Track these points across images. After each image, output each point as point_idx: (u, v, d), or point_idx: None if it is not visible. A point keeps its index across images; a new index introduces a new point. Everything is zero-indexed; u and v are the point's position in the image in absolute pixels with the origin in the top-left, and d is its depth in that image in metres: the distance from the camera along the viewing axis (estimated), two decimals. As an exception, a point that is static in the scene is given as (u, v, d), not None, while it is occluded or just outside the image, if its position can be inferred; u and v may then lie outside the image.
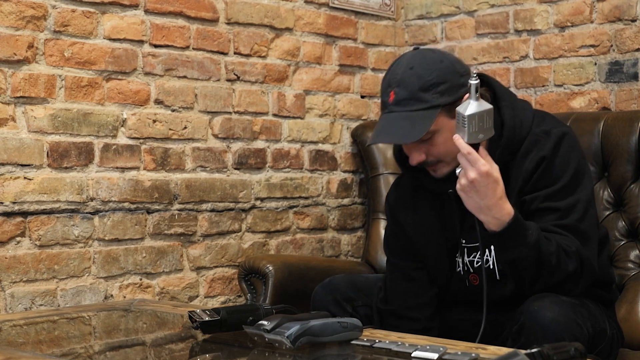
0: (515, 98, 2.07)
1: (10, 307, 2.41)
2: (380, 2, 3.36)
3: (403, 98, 1.94)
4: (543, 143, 1.99)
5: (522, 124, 2.01)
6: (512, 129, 1.99)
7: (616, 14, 2.89)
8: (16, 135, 2.43)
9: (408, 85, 1.94)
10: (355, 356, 1.72)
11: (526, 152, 2.00)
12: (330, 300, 2.15)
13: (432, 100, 1.92)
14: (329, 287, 2.20)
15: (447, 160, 1.98)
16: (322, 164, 3.17)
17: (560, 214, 1.95)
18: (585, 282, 1.96)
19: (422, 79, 1.93)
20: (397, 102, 1.95)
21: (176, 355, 1.89)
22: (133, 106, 2.67)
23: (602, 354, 1.96)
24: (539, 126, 2.03)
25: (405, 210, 2.16)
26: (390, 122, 1.95)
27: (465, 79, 1.94)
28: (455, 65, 1.98)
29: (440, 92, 1.93)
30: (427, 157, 1.98)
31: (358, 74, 3.30)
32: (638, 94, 2.85)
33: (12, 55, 2.42)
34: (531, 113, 2.06)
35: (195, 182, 2.81)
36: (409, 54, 2.00)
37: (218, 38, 2.87)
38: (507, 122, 1.99)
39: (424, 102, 1.92)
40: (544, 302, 1.82)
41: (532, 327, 1.79)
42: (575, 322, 1.81)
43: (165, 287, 2.74)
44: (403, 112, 1.94)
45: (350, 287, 2.19)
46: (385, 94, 1.98)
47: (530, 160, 1.99)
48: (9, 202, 2.41)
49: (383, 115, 1.98)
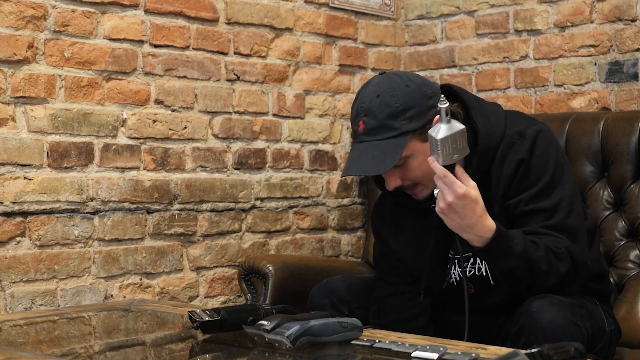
0: (484, 104, 2.04)
1: (10, 307, 2.41)
2: (380, 2, 3.36)
3: (372, 127, 1.91)
4: (518, 145, 1.97)
5: (494, 130, 1.98)
6: (486, 136, 1.97)
7: (616, 14, 2.89)
8: (16, 135, 2.43)
9: (376, 114, 1.91)
10: (355, 356, 1.72)
11: (503, 157, 1.98)
12: (327, 303, 2.15)
13: (401, 127, 1.90)
14: (325, 289, 2.20)
15: (424, 183, 1.97)
16: (322, 164, 3.17)
17: (546, 214, 1.94)
18: (580, 279, 1.96)
19: (389, 106, 1.91)
20: (366, 132, 1.92)
21: (176, 355, 1.89)
22: (133, 106, 2.67)
23: (600, 353, 1.96)
24: (512, 128, 2.00)
25: (389, 228, 2.15)
26: (361, 152, 1.93)
27: (434, 100, 1.92)
28: (422, 88, 1.95)
29: (409, 117, 1.91)
30: (403, 181, 1.97)
31: (358, 74, 3.30)
32: (638, 94, 2.85)
33: (12, 55, 2.42)
34: (502, 115, 2.03)
35: (195, 182, 2.81)
36: (376, 80, 1.98)
37: (218, 38, 2.87)
38: (480, 130, 1.97)
39: (393, 130, 1.90)
40: (542, 304, 1.82)
41: (531, 328, 1.79)
42: (574, 323, 1.81)
43: (165, 287, 2.74)
44: (374, 141, 1.91)
45: (346, 289, 2.19)
46: (354, 124, 1.96)
47: (508, 165, 1.97)
48: (9, 202, 2.41)
49: (354, 145, 1.97)
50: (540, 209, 1.95)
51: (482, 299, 2.02)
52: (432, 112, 1.92)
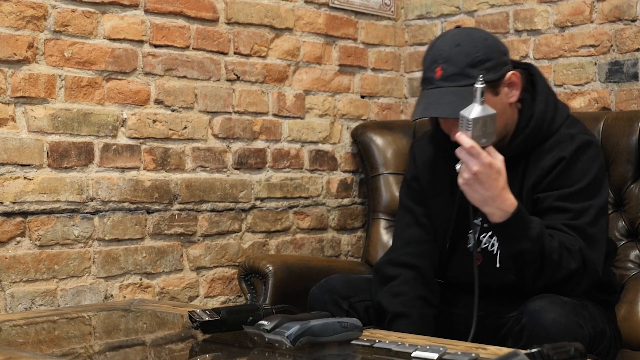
0: (554, 97, 2.11)
1: (10, 307, 2.41)
2: (380, 2, 3.36)
3: (451, 74, 1.97)
4: (566, 145, 2.03)
5: (552, 122, 2.05)
6: (540, 122, 2.03)
7: (616, 14, 2.89)
8: (16, 135, 2.43)
9: (456, 61, 1.97)
10: (355, 356, 1.72)
11: (548, 150, 2.04)
12: (327, 300, 2.16)
13: (477, 76, 1.95)
14: (324, 287, 2.21)
15: None
16: (322, 164, 3.17)
17: (572, 215, 1.97)
18: (587, 282, 1.96)
19: (469, 55, 1.97)
20: (444, 78, 1.97)
21: (176, 355, 1.89)
22: (133, 106, 2.67)
23: (601, 355, 1.96)
24: (567, 129, 2.07)
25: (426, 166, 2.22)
26: (438, 97, 1.98)
27: (507, 57, 2.03)
28: (498, 44, 2.04)
29: (486, 68, 1.97)
30: None
31: (358, 74, 3.30)
32: (638, 94, 2.85)
33: (12, 55, 2.42)
34: (565, 115, 2.09)
35: (195, 182, 2.81)
36: (453, 32, 2.04)
37: (218, 38, 2.87)
38: (536, 115, 2.04)
39: (471, 78, 1.94)
40: (545, 303, 1.82)
41: (533, 328, 1.79)
42: (576, 323, 1.81)
43: (165, 287, 2.74)
44: (451, 87, 1.97)
45: (345, 285, 2.19)
46: (430, 70, 2.00)
47: (548, 159, 2.02)
48: (9, 202, 2.41)
49: (427, 91, 2.01)
50: (566, 209, 1.97)
51: (485, 276, 2.03)
52: (505, 68, 2.00)
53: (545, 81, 2.12)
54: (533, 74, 2.11)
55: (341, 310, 2.12)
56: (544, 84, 2.10)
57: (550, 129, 2.05)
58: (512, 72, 2.02)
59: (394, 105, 3.43)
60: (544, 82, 2.11)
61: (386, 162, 3.09)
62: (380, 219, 3.05)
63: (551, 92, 2.12)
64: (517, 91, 2.04)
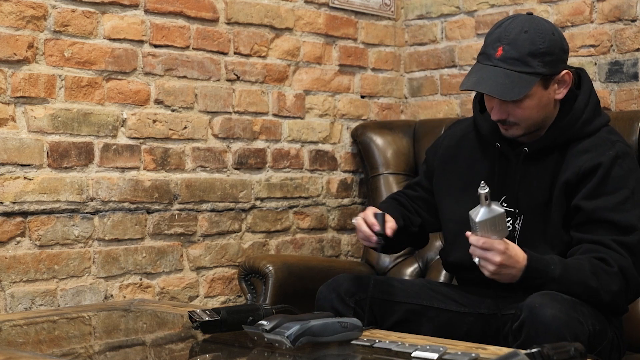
0: (596, 101, 2.13)
1: (10, 307, 2.41)
2: (380, 2, 3.36)
3: (511, 57, 2.00)
4: (605, 149, 2.05)
5: (589, 121, 2.08)
6: (576, 118, 2.07)
7: (616, 14, 2.89)
8: (16, 135, 2.43)
9: (519, 47, 2.01)
10: (355, 356, 1.72)
11: (586, 150, 2.05)
12: (334, 297, 2.16)
13: (536, 67, 2.00)
14: (332, 285, 2.22)
15: (523, 125, 2.06)
16: (322, 164, 3.17)
17: (619, 229, 1.98)
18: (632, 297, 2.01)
19: (534, 45, 2.01)
20: (504, 59, 2.01)
21: (176, 355, 1.89)
22: (133, 106, 2.67)
23: (601, 355, 1.96)
24: (608, 134, 2.10)
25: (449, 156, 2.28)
26: (492, 75, 2.01)
27: (567, 56, 2.07)
28: (562, 41, 2.07)
29: (545, 62, 2.01)
30: (508, 116, 2.05)
31: (358, 74, 3.30)
32: (638, 94, 2.85)
33: (12, 55, 2.42)
34: (605, 121, 2.12)
35: (195, 182, 2.81)
36: (523, 17, 2.07)
37: (218, 38, 2.87)
38: (574, 110, 2.07)
39: (528, 67, 2.00)
40: (544, 299, 1.83)
41: (532, 324, 1.80)
42: (576, 319, 1.82)
43: (165, 287, 2.74)
44: (507, 69, 2.00)
45: (352, 283, 2.20)
46: (491, 47, 2.04)
47: (586, 159, 2.03)
48: (9, 202, 2.41)
49: (483, 66, 2.04)
50: (613, 222, 1.98)
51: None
52: (562, 65, 2.05)
53: (592, 86, 2.15)
54: (582, 77, 2.15)
55: (348, 307, 2.13)
56: (589, 88, 2.13)
57: (588, 128, 2.08)
58: (567, 71, 2.06)
59: (394, 105, 3.43)
60: (589, 86, 2.14)
61: (386, 162, 3.09)
62: (380, 219, 3.04)
63: (595, 96, 2.14)
64: (565, 90, 2.08)
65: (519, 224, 2.09)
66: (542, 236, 2.06)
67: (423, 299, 2.18)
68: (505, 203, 2.11)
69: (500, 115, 2.05)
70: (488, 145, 2.17)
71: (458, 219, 2.17)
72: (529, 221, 2.08)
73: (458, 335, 2.00)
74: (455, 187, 2.22)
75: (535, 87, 2.01)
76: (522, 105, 2.03)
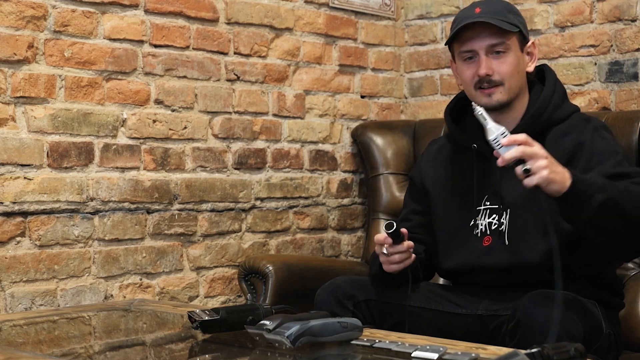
0: (563, 90, 2.19)
1: (10, 307, 2.41)
2: (380, 2, 3.36)
3: (490, 11, 2.11)
4: (582, 127, 2.10)
5: (559, 107, 2.14)
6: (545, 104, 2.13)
7: (616, 14, 2.89)
8: (16, 135, 2.43)
9: (495, 5, 2.14)
10: (355, 356, 1.72)
11: (565, 133, 2.10)
12: (332, 300, 2.16)
13: (514, 20, 2.12)
14: (330, 287, 2.22)
15: (507, 85, 2.12)
16: (322, 164, 3.17)
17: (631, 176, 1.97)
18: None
19: (507, 5, 2.16)
20: (484, 13, 2.10)
21: (176, 355, 1.89)
22: (133, 106, 2.67)
23: (598, 353, 1.96)
24: (581, 115, 2.16)
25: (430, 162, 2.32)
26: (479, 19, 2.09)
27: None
28: None
29: (520, 21, 2.14)
30: (493, 73, 2.11)
31: (358, 74, 3.30)
32: (638, 94, 2.85)
33: (12, 55, 2.42)
34: (575, 108, 2.18)
35: (195, 182, 2.81)
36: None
37: (218, 38, 2.87)
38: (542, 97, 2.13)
39: (507, 19, 2.11)
40: (538, 299, 1.84)
41: (527, 324, 1.81)
42: (570, 318, 1.82)
43: (165, 287, 2.74)
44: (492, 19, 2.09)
45: (350, 285, 2.20)
46: (468, 10, 2.14)
47: (568, 141, 2.07)
48: (9, 202, 2.41)
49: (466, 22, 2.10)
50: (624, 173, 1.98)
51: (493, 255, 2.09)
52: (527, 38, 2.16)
53: (556, 78, 2.21)
54: (545, 71, 2.21)
55: (346, 310, 2.13)
56: (553, 79, 2.20)
57: (559, 112, 2.13)
58: (532, 41, 2.18)
59: (394, 105, 3.43)
60: (554, 78, 2.20)
61: (386, 162, 3.09)
62: (380, 219, 3.05)
63: (561, 86, 2.20)
64: (533, 64, 2.18)
65: (506, 219, 2.10)
66: (533, 227, 2.06)
67: (421, 301, 2.18)
68: (489, 201, 2.13)
69: (487, 70, 2.10)
70: (465, 150, 2.19)
71: (447, 228, 2.20)
72: (516, 214, 2.10)
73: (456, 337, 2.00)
74: (441, 198, 2.24)
75: (515, 41, 2.11)
76: (506, 60, 2.10)
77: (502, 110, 2.13)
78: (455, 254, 2.18)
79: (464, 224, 2.17)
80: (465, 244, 2.16)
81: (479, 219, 2.14)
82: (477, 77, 2.12)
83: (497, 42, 2.10)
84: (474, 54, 2.12)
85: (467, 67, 2.14)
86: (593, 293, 2.05)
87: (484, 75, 2.11)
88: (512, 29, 2.09)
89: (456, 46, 2.17)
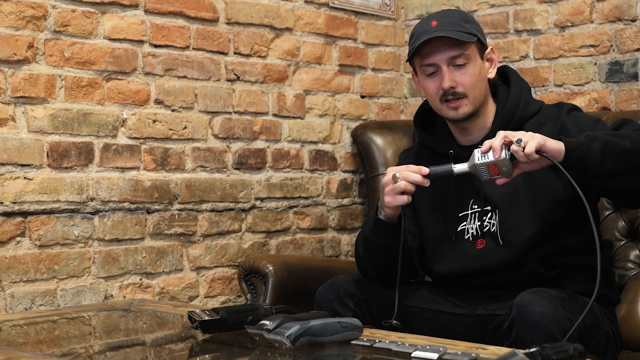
0: (529, 89, 2.21)
1: (10, 307, 2.41)
2: (380, 2, 3.36)
3: (447, 23, 2.11)
4: (556, 113, 2.13)
5: (528, 104, 2.16)
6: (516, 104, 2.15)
7: (616, 14, 2.89)
8: (16, 135, 2.44)
9: (451, 16, 2.15)
10: (355, 356, 1.72)
11: (540, 124, 2.11)
12: (333, 299, 2.16)
13: (471, 30, 2.12)
14: (331, 286, 2.22)
15: (470, 97, 2.13)
16: (322, 164, 3.17)
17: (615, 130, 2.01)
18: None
19: (462, 14, 2.19)
20: (441, 26, 2.10)
21: (176, 355, 1.89)
22: (133, 106, 2.67)
23: (596, 351, 1.96)
24: (549, 106, 2.19)
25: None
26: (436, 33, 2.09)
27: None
28: None
29: (477, 29, 2.15)
30: (457, 85, 2.12)
31: (358, 74, 3.30)
32: (638, 94, 2.85)
33: (12, 55, 2.42)
34: (542, 103, 2.20)
35: (195, 182, 2.81)
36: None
37: (218, 38, 2.87)
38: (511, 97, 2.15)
39: (465, 29, 2.11)
40: (532, 297, 1.85)
41: (522, 321, 1.82)
42: (564, 315, 1.82)
43: (165, 287, 2.74)
44: (450, 31, 2.09)
45: (352, 284, 2.20)
46: (425, 24, 2.14)
47: (547, 130, 2.07)
48: (9, 202, 2.41)
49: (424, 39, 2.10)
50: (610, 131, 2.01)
51: (488, 257, 2.10)
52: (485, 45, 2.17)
53: (520, 76, 2.23)
54: (508, 72, 2.24)
55: (347, 309, 2.13)
56: (518, 79, 2.22)
57: (531, 108, 2.16)
58: (491, 47, 2.19)
59: (394, 105, 3.43)
60: (518, 77, 2.23)
61: (386, 162, 3.09)
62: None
63: (526, 84, 2.22)
64: (494, 69, 2.19)
65: (496, 219, 2.11)
66: (527, 222, 2.07)
67: (420, 301, 2.18)
68: (475, 205, 2.14)
69: (450, 82, 2.11)
70: (442, 157, 2.19)
71: (434, 234, 2.21)
72: (504, 213, 2.11)
73: (456, 337, 2.00)
74: (427, 205, 2.23)
75: (474, 50, 2.12)
76: (467, 71, 2.11)
77: (471, 120, 2.16)
78: (445, 259, 2.19)
79: (451, 229, 2.17)
80: (458, 249, 2.16)
81: (468, 223, 2.15)
82: (441, 90, 2.13)
83: (457, 54, 2.10)
84: (436, 68, 2.14)
85: (430, 81, 2.16)
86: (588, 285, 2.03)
87: (447, 88, 2.12)
88: (470, 39, 2.10)
89: (417, 61, 2.18)
